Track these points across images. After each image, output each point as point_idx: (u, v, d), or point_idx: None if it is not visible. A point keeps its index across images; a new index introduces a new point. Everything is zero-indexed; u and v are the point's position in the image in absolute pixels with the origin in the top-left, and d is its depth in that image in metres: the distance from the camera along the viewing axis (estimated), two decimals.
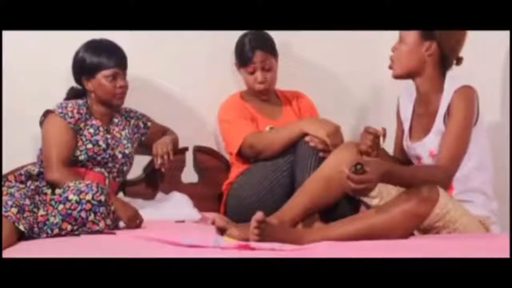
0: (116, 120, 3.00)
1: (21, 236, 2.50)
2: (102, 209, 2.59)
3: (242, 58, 3.13)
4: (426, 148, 2.67)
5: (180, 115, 3.28)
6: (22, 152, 3.03)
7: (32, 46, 3.10)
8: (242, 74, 3.17)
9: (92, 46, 2.92)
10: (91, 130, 2.89)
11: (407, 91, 2.84)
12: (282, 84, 3.25)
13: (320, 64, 3.42)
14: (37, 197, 2.69)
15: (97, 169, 2.89)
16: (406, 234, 2.45)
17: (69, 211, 2.56)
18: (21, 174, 2.83)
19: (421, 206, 2.41)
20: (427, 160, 2.68)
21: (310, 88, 3.32)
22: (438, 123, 2.66)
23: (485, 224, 2.62)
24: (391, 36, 3.23)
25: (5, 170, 2.88)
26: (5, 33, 2.88)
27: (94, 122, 2.91)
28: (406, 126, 2.82)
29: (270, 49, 3.13)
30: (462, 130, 2.59)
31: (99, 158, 2.88)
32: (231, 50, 3.17)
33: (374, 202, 2.64)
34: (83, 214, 2.56)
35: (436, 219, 2.47)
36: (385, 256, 2.06)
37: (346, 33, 3.19)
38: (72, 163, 2.84)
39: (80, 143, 2.86)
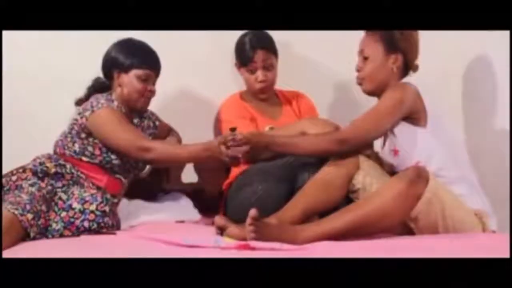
0: (135, 121, 2.94)
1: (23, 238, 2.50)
2: (106, 219, 2.59)
3: (243, 58, 3.13)
4: (390, 151, 2.70)
5: (180, 115, 3.28)
6: (22, 152, 3.03)
7: (32, 46, 3.10)
8: (242, 74, 3.17)
9: (130, 44, 2.86)
10: None
11: None
12: (282, 84, 3.25)
13: (320, 64, 3.42)
14: (50, 200, 2.66)
15: (117, 175, 2.82)
16: (401, 218, 2.46)
17: (71, 220, 2.56)
18: (37, 170, 2.73)
19: (412, 187, 2.41)
20: (394, 161, 2.70)
21: (310, 88, 3.32)
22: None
23: (481, 219, 2.60)
24: None
25: (5, 170, 2.88)
26: (5, 33, 2.88)
27: None
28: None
29: (270, 48, 3.13)
30: (376, 110, 2.64)
31: (127, 166, 2.82)
32: (231, 50, 3.17)
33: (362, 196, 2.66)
34: (85, 224, 2.57)
35: (426, 204, 2.46)
36: (385, 256, 2.06)
37: (346, 33, 3.19)
38: (94, 163, 2.77)
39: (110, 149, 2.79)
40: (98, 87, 2.90)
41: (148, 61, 2.84)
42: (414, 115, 2.63)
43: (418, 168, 2.47)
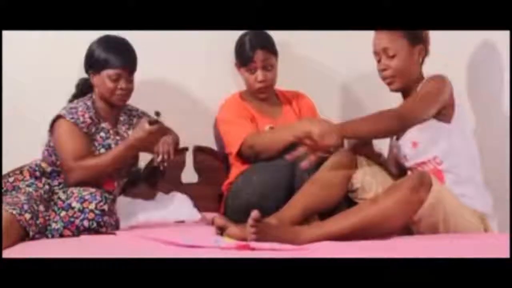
0: (121, 119, 2.97)
1: (23, 239, 2.51)
2: (105, 218, 2.59)
3: (243, 58, 3.12)
4: (409, 142, 2.69)
5: (180, 115, 3.28)
6: (22, 152, 3.03)
7: (32, 46, 3.10)
8: (242, 74, 3.17)
9: (104, 42, 2.88)
10: (102, 134, 2.86)
11: None
12: (282, 84, 3.24)
13: (320, 64, 3.42)
14: (48, 199, 2.66)
15: None
16: (403, 223, 2.46)
17: (71, 219, 2.56)
18: (35, 170, 2.79)
19: (415, 194, 2.41)
20: (410, 152, 2.69)
21: (310, 88, 3.32)
22: None
23: (484, 220, 2.61)
24: None
25: (5, 170, 2.88)
26: (5, 33, 2.88)
27: (103, 125, 2.88)
28: None
29: (270, 48, 3.13)
30: (424, 95, 2.61)
31: None
32: (231, 50, 3.17)
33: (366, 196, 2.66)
34: (85, 223, 2.57)
35: (429, 210, 2.47)
36: (385, 256, 2.06)
37: (346, 33, 3.19)
38: None
39: (93, 148, 2.83)
40: (83, 86, 2.95)
41: (119, 59, 2.85)
42: (444, 110, 2.63)
43: (422, 174, 2.46)
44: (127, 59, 2.88)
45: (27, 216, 2.49)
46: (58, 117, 2.82)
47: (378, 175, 2.69)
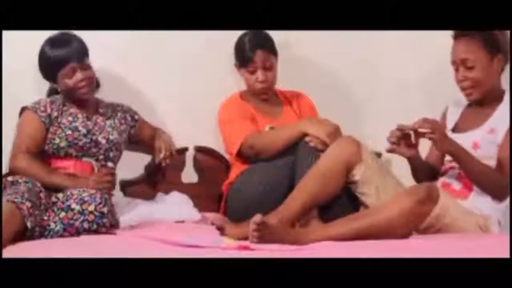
0: (101, 111, 2.99)
1: (22, 236, 2.50)
2: (105, 220, 2.59)
3: (243, 58, 3.12)
4: (470, 140, 2.68)
5: (180, 115, 3.28)
6: None
7: (32, 46, 3.10)
8: (242, 75, 3.17)
9: (41, 53, 2.91)
10: (70, 118, 2.90)
11: (457, 101, 2.89)
12: (282, 84, 3.24)
13: (320, 64, 3.42)
14: (45, 200, 2.67)
15: (84, 158, 2.86)
16: (406, 233, 2.46)
17: (71, 221, 2.56)
18: None
19: (421, 206, 2.41)
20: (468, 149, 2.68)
21: (310, 88, 3.31)
22: (494, 123, 2.69)
23: (485, 225, 2.62)
24: (392, 36, 3.23)
25: (5, 170, 2.88)
26: (5, 33, 2.88)
27: (72, 110, 2.92)
28: (451, 123, 2.84)
29: (270, 48, 3.13)
30: None
31: (80, 143, 2.85)
32: (231, 50, 3.17)
33: (369, 200, 2.65)
34: (85, 225, 2.57)
35: (434, 219, 2.47)
36: (385, 256, 2.06)
37: (346, 33, 3.19)
38: (56, 153, 2.84)
39: (59, 131, 2.86)
40: (55, 92, 3.00)
41: (63, 57, 2.86)
42: None
43: (430, 187, 2.46)
44: (70, 51, 2.86)
45: (28, 204, 2.49)
46: (23, 109, 2.91)
47: (380, 173, 2.67)
